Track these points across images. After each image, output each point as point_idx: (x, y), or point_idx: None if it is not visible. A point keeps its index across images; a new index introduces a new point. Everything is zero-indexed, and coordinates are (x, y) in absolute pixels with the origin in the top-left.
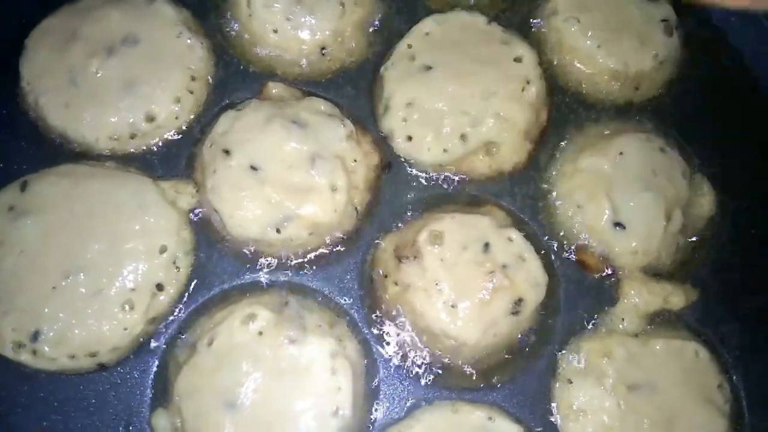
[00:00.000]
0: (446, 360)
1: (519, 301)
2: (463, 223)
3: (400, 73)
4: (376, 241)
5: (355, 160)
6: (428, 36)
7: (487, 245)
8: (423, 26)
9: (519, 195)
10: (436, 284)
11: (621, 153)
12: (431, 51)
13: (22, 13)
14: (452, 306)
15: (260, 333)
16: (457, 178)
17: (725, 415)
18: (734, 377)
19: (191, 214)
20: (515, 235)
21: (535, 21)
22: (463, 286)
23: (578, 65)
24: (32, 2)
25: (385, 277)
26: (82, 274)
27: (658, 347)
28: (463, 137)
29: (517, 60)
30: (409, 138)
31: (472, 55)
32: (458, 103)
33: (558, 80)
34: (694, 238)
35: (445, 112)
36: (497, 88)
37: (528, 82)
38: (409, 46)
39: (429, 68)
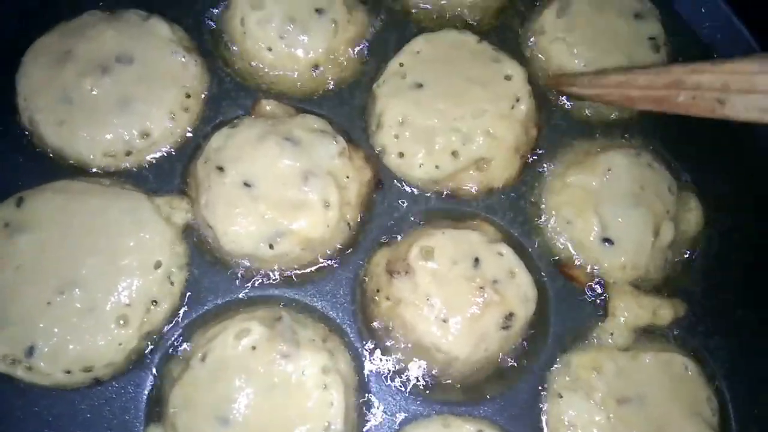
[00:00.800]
0: (437, 374)
1: (509, 316)
2: (454, 238)
3: (392, 90)
4: (369, 257)
5: (348, 177)
6: (419, 54)
7: (477, 260)
8: (414, 45)
9: (509, 211)
10: (427, 299)
11: (609, 169)
12: (422, 69)
13: (18, 30)
14: (443, 320)
15: (253, 348)
16: (447, 193)
17: (713, 427)
18: (722, 390)
19: (186, 230)
20: (505, 250)
21: (523, 39)
22: (453, 300)
23: None
24: (29, 19)
25: (377, 291)
26: (77, 289)
27: (647, 361)
28: (454, 154)
29: (507, 78)
30: (401, 154)
31: (463, 73)
32: (449, 121)
33: (547, 97)
34: (682, 253)
35: (436, 129)
36: (488, 106)
37: (518, 100)
38: (401, 65)
39: (420, 86)
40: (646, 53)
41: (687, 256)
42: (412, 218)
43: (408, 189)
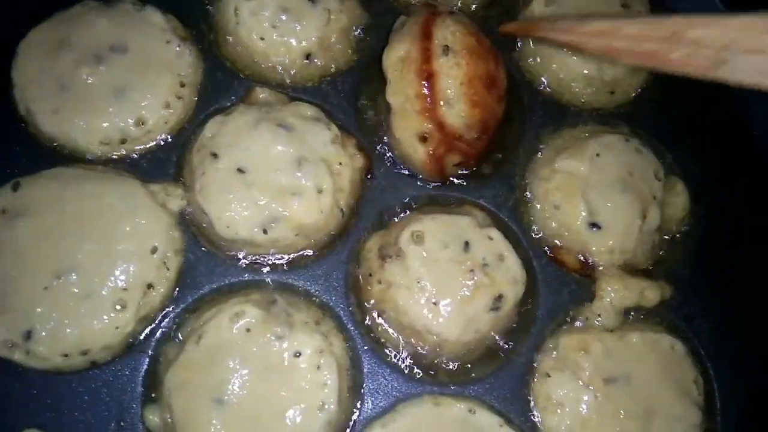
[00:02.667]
0: (429, 355)
1: (499, 298)
2: (444, 222)
3: None
4: (361, 242)
5: (340, 163)
6: None
7: (467, 244)
8: None
9: (498, 196)
10: (418, 282)
11: (597, 154)
12: None
13: (14, 21)
14: (434, 303)
15: (248, 330)
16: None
17: (700, 406)
18: (708, 370)
19: (181, 216)
20: (495, 234)
21: None
22: (444, 283)
23: (554, 71)
24: (24, 10)
25: (370, 276)
26: (73, 274)
27: (634, 341)
28: None
29: None
30: None
31: None
32: None
33: (535, 85)
34: (669, 237)
35: None
36: None
37: None
38: None
39: None
40: None
41: (674, 239)
42: (404, 204)
43: (399, 175)
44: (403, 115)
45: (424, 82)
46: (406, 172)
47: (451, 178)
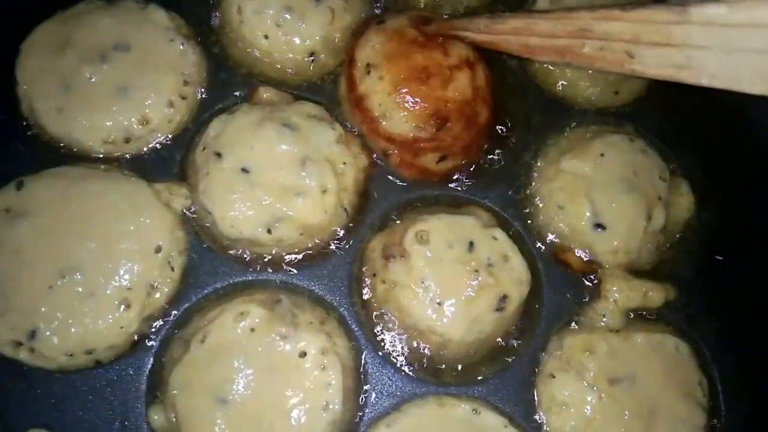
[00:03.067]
0: (433, 356)
1: (503, 298)
2: (449, 223)
3: None
4: (365, 242)
5: (344, 163)
6: None
7: (471, 244)
8: None
9: (503, 197)
10: (423, 282)
11: (602, 155)
12: None
13: (18, 19)
14: (438, 303)
15: (252, 330)
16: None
17: (704, 408)
18: (712, 371)
19: (185, 215)
20: (499, 234)
21: None
22: (448, 284)
23: (558, 71)
24: (28, 9)
25: (374, 276)
26: (78, 273)
27: (639, 341)
28: None
29: None
30: None
31: None
32: None
33: (540, 85)
34: (673, 237)
35: None
36: None
37: None
38: None
39: None
40: None
41: (678, 240)
42: (408, 204)
43: (404, 175)
44: (366, 138)
45: (358, 110)
46: (408, 174)
47: (457, 175)
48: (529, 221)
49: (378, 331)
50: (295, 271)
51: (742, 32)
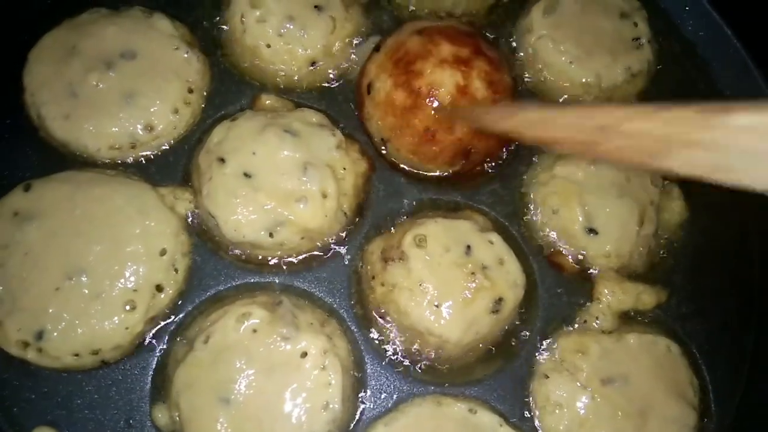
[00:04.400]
0: (430, 357)
1: (499, 301)
2: (446, 227)
3: None
4: (364, 245)
5: (344, 168)
6: None
7: (468, 248)
8: None
9: (499, 202)
10: (420, 284)
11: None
12: None
13: (25, 28)
14: (436, 305)
15: (254, 331)
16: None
17: (695, 407)
18: (703, 372)
19: (188, 219)
20: (495, 238)
21: (512, 38)
22: (446, 286)
23: (552, 79)
24: (35, 18)
25: (373, 278)
26: (84, 275)
27: (631, 342)
28: None
29: None
30: None
31: None
32: None
33: (535, 93)
34: (665, 242)
35: None
36: None
37: None
38: None
39: None
40: (631, 50)
41: (670, 244)
42: (406, 208)
43: (401, 180)
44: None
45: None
46: (406, 180)
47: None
48: (524, 225)
49: (377, 333)
50: (296, 275)
51: None
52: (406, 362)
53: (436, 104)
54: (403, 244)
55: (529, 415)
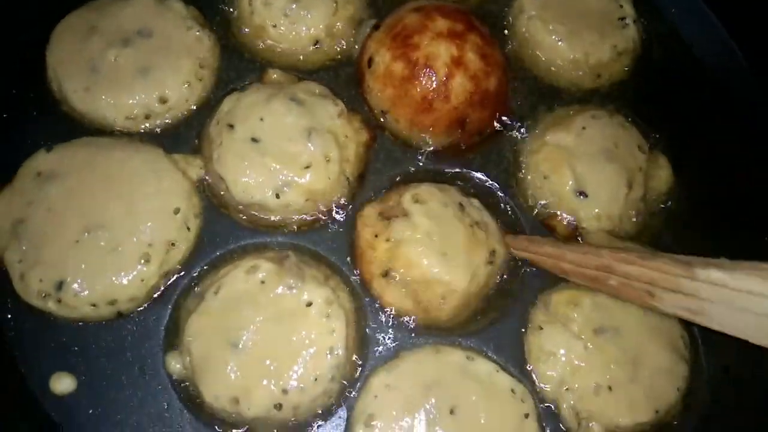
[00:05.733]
0: (430, 310)
1: (493, 252)
2: (438, 188)
3: None
4: (360, 210)
5: (346, 136)
6: None
7: (461, 205)
8: None
9: (494, 168)
10: (427, 235)
11: (583, 128)
12: None
13: (48, 9)
14: (443, 254)
15: (262, 282)
16: (431, 149)
17: (686, 360)
18: (693, 330)
19: (199, 184)
20: (476, 203)
21: (506, 17)
22: (450, 237)
23: (544, 57)
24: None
25: (375, 237)
26: (102, 229)
27: None
28: None
29: None
30: None
31: None
32: None
33: (528, 69)
34: (654, 206)
35: None
36: None
37: None
38: None
39: None
40: (618, 29)
41: (658, 209)
42: (402, 179)
43: (400, 151)
44: None
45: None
46: (404, 151)
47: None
48: (518, 190)
49: (378, 289)
50: (301, 235)
51: (743, 296)
52: (406, 317)
53: (432, 75)
54: (403, 202)
55: (523, 365)
